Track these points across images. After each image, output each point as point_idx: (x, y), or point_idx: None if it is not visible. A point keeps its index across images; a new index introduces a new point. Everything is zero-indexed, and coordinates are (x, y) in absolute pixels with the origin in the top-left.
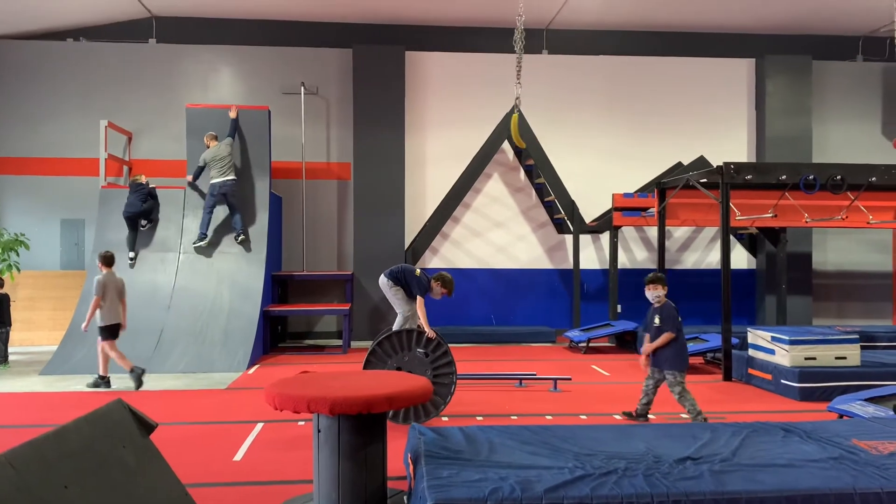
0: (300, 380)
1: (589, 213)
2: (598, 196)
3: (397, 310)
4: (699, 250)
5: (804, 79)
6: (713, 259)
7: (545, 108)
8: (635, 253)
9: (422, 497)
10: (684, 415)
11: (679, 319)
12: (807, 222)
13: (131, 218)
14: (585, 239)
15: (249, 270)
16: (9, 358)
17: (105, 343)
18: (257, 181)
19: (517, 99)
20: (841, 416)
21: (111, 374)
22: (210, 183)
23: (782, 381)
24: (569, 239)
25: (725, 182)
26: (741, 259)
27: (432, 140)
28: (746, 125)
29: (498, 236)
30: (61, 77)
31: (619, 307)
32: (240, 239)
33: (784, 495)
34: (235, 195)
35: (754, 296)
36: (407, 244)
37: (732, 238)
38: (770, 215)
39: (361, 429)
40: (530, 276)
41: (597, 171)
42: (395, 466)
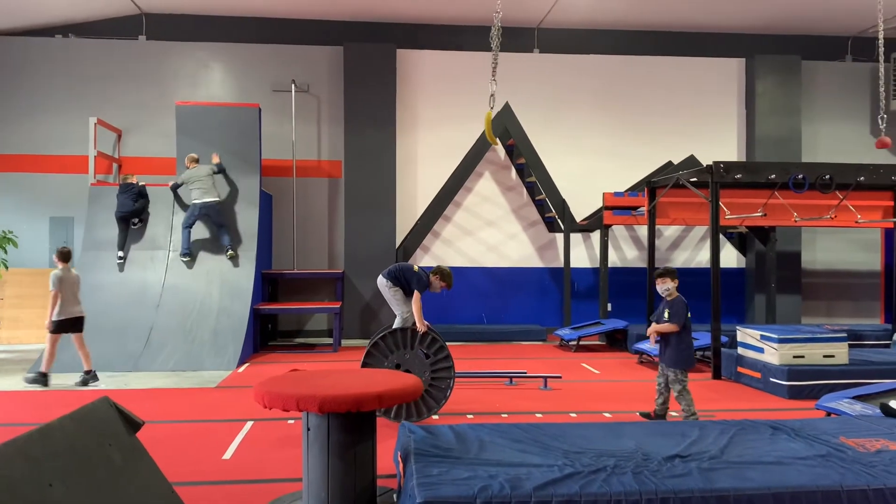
0: (289, 378)
1: (580, 212)
2: (589, 195)
3: (395, 311)
4: (689, 249)
5: (794, 79)
6: (703, 258)
7: (536, 107)
8: (625, 252)
9: (411, 495)
10: (674, 412)
11: (688, 316)
12: (796, 221)
13: (123, 218)
14: (576, 237)
15: (239, 269)
16: None
17: (51, 337)
18: (247, 179)
19: (492, 96)
20: (829, 414)
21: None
22: (191, 204)
23: (771, 380)
24: (559, 237)
25: (715, 181)
26: (731, 258)
27: (424, 138)
28: (736, 124)
29: (489, 235)
30: (50, 73)
31: (610, 306)
32: (229, 255)
33: (772, 492)
34: (220, 215)
35: (744, 294)
36: (398, 242)
37: (722, 237)
38: (759, 214)
39: (351, 427)
40: (521, 275)
41: (588, 170)
42: (386, 465)
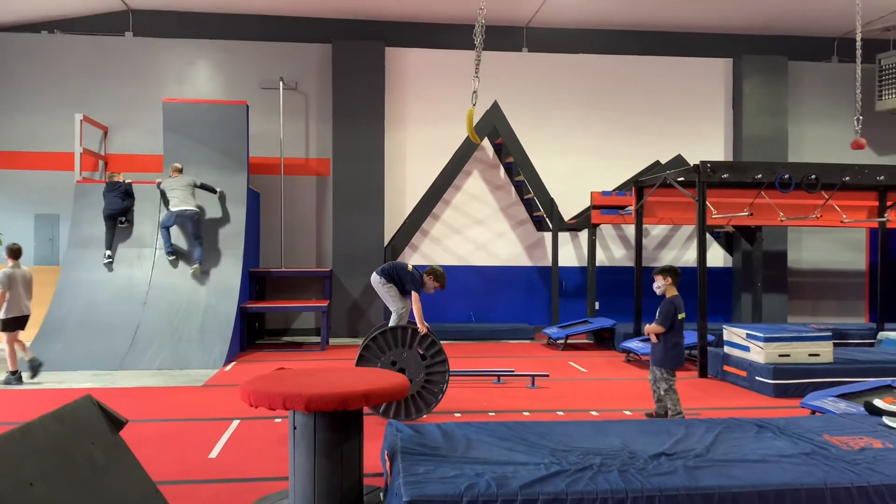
0: (276, 377)
1: (568, 211)
2: (577, 194)
3: (391, 307)
4: (676, 248)
5: (780, 79)
6: (690, 257)
7: (524, 106)
8: (613, 251)
9: (397, 493)
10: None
11: (678, 317)
12: (782, 221)
13: (111, 216)
14: (564, 236)
15: (226, 267)
16: None
17: (7, 336)
18: (234, 177)
19: (474, 93)
20: (813, 413)
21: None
22: (168, 212)
23: (757, 378)
24: (548, 236)
25: (702, 181)
26: (717, 257)
27: (412, 136)
28: (724, 124)
29: (478, 233)
30: (35, 70)
31: (597, 304)
32: (194, 270)
33: (756, 490)
34: (198, 226)
35: (730, 293)
36: (386, 241)
37: (709, 236)
38: (746, 214)
39: (337, 426)
40: (509, 274)
41: (576, 169)
42: (374, 463)
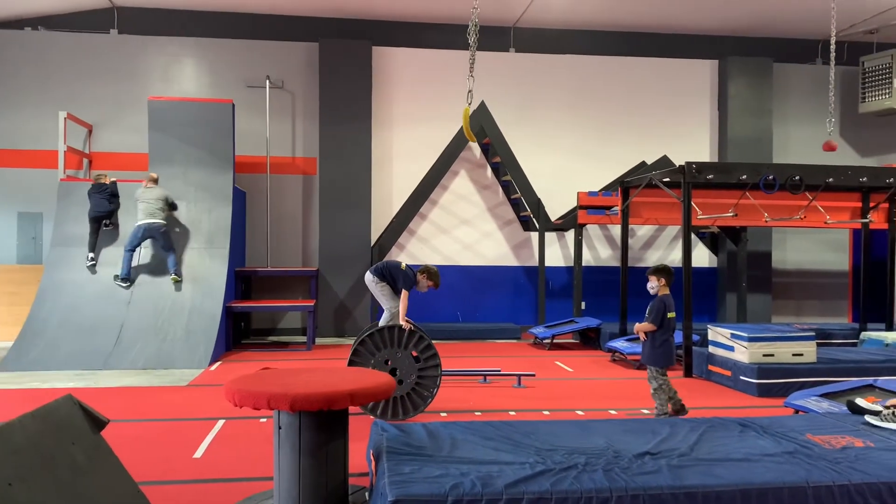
0: (261, 376)
1: (554, 211)
2: (564, 194)
3: (383, 306)
4: (662, 248)
5: (765, 81)
6: (675, 257)
7: (512, 106)
8: (599, 251)
9: (383, 493)
10: (645, 410)
11: (668, 316)
12: (766, 222)
13: (97, 218)
14: (551, 236)
15: (212, 266)
16: None
17: None
18: (220, 175)
19: (469, 92)
20: (797, 412)
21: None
22: (135, 225)
23: (741, 378)
24: (534, 236)
25: (687, 181)
26: (703, 257)
27: (399, 136)
28: (709, 125)
29: (464, 233)
30: (19, 67)
31: (584, 304)
32: (174, 279)
33: (739, 489)
34: (166, 237)
35: (715, 293)
36: (373, 240)
37: (694, 236)
38: (731, 214)
39: (323, 425)
40: (496, 273)
41: (562, 170)
42: (360, 463)
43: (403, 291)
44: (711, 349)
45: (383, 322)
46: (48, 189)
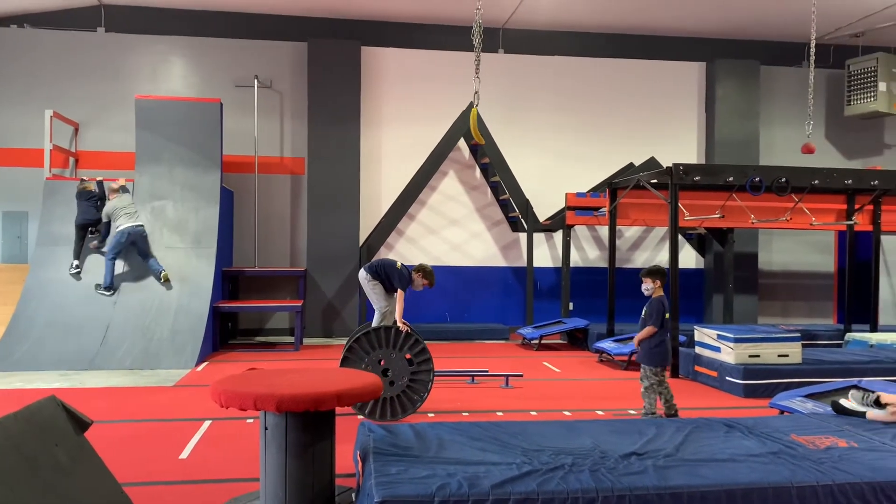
0: (247, 377)
1: (543, 212)
2: (552, 195)
3: (374, 305)
4: (649, 250)
5: (752, 83)
6: (662, 258)
7: (501, 107)
8: (587, 251)
9: (369, 494)
10: (632, 410)
11: (667, 317)
12: (753, 223)
13: (84, 225)
14: (539, 237)
15: (199, 266)
16: None
17: None
18: (208, 175)
19: (476, 94)
20: (782, 412)
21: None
22: (118, 230)
23: (727, 378)
24: (523, 237)
25: (674, 183)
26: (690, 258)
27: (388, 136)
28: (696, 127)
29: (453, 234)
30: (4, 64)
31: (571, 305)
32: (164, 277)
33: (724, 489)
34: (146, 242)
35: (702, 294)
36: (362, 241)
37: (681, 238)
38: (717, 216)
39: (309, 426)
40: (485, 274)
41: (551, 171)
42: (347, 463)
43: (399, 291)
44: (698, 350)
45: (375, 322)
46: (34, 188)
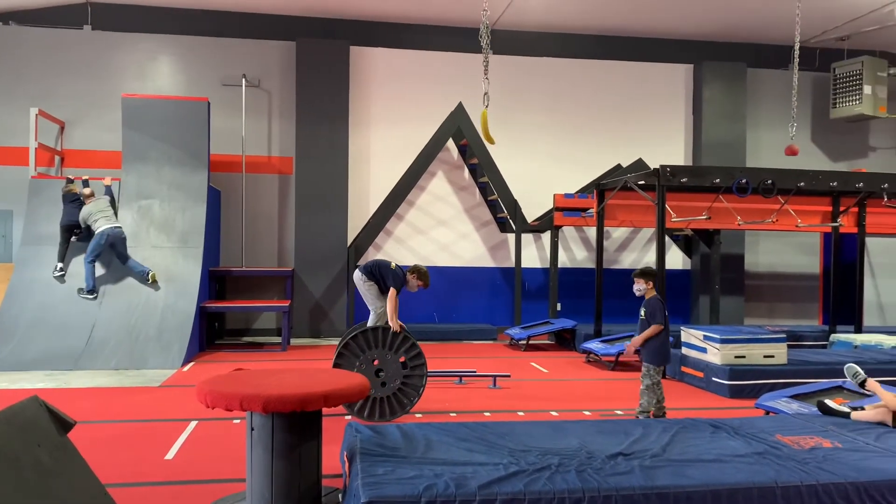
0: (233, 377)
1: (531, 213)
2: (540, 196)
3: (369, 306)
4: (636, 251)
5: (739, 85)
6: (650, 259)
7: (489, 108)
8: (575, 252)
9: (356, 494)
10: (619, 411)
11: (666, 315)
12: (739, 225)
13: (69, 227)
14: (527, 238)
15: (185, 265)
16: None
17: None
18: (195, 174)
19: (486, 95)
20: (767, 413)
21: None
22: (98, 232)
23: (713, 379)
24: (511, 238)
25: (662, 184)
26: (676, 259)
27: (377, 136)
28: (684, 129)
29: (441, 234)
30: None
31: (559, 305)
32: (152, 278)
33: (710, 489)
34: (124, 244)
35: (689, 295)
36: (350, 241)
37: (668, 239)
38: (704, 217)
39: (296, 427)
40: (473, 274)
41: (539, 172)
42: (334, 464)
43: (392, 290)
44: (684, 351)
45: (371, 323)
46: (19, 186)
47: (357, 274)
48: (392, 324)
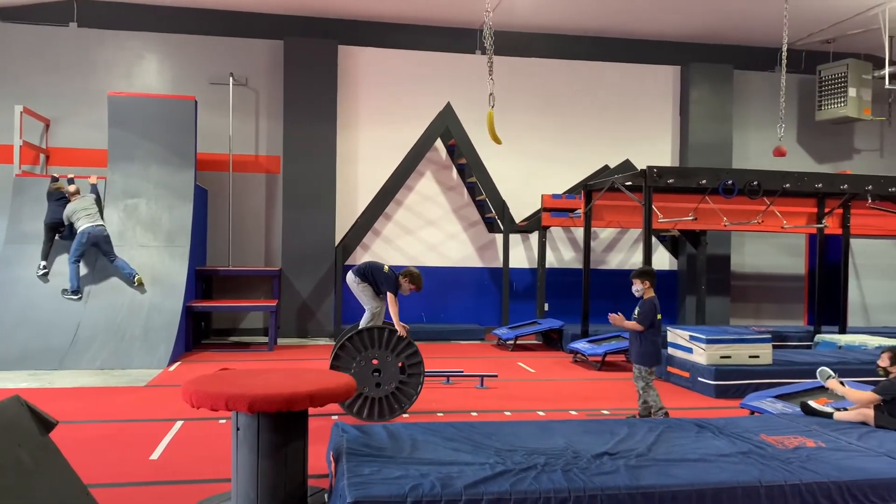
0: (219, 377)
1: (519, 213)
2: (528, 196)
3: (365, 306)
4: (623, 251)
5: (726, 87)
6: (637, 260)
7: (477, 108)
8: (563, 253)
9: (342, 494)
10: (605, 410)
11: (658, 317)
12: (725, 226)
13: (53, 226)
14: (515, 238)
15: (172, 265)
16: None
17: None
18: (181, 173)
19: (491, 95)
20: (752, 413)
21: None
22: (80, 231)
23: (699, 379)
24: (499, 238)
25: (649, 185)
26: (663, 260)
27: (365, 136)
28: (671, 130)
29: (429, 234)
30: None
31: (547, 305)
32: (138, 281)
33: (695, 489)
34: (108, 242)
35: (675, 296)
36: (337, 240)
37: (655, 239)
38: (691, 218)
39: (281, 427)
40: (461, 275)
41: (527, 172)
42: (321, 464)
43: (390, 295)
44: (670, 351)
45: (364, 322)
46: (2, 184)
47: (350, 276)
48: (398, 327)
